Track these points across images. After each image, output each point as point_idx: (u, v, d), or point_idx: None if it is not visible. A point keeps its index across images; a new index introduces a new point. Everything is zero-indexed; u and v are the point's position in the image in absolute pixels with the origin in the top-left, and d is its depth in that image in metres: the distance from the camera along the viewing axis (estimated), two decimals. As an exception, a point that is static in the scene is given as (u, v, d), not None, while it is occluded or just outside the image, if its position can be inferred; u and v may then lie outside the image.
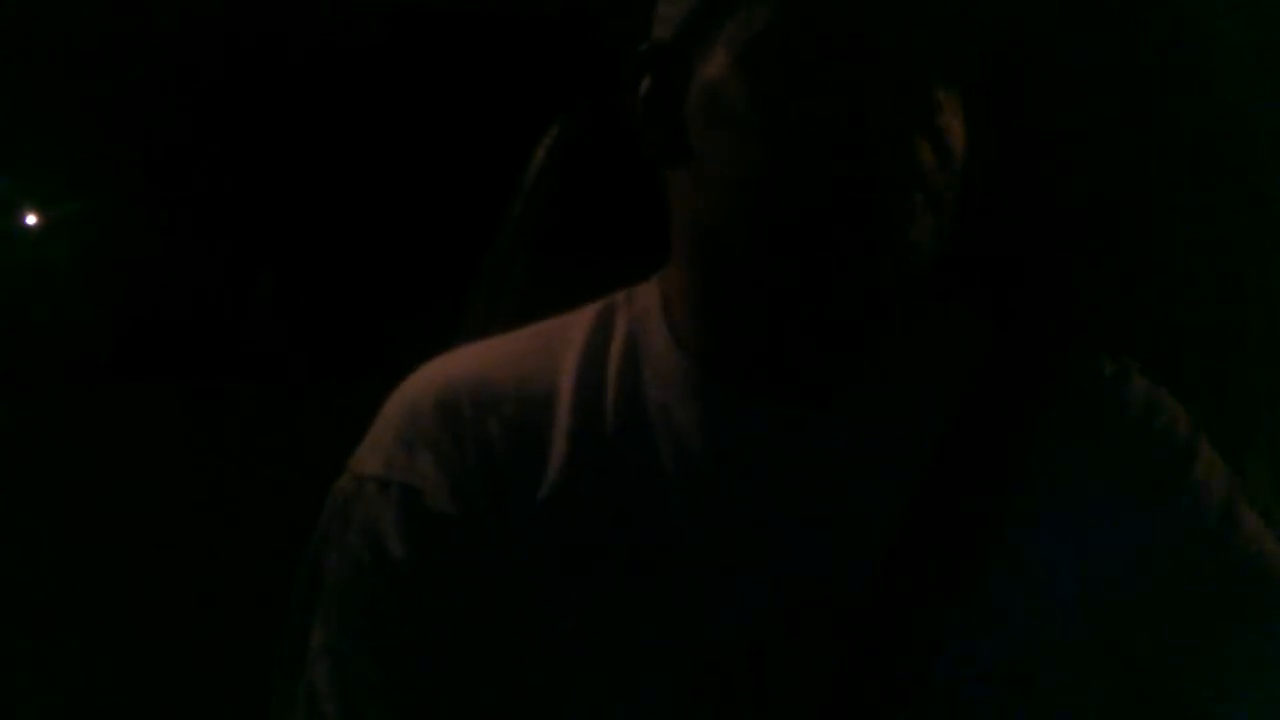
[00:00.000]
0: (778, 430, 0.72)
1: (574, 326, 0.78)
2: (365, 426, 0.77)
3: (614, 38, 0.79)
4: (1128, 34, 0.98)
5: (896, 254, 0.67)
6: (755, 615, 0.68)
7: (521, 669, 0.69)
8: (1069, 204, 0.95)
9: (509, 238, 0.95)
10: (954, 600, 0.69)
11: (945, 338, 0.78)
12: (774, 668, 0.68)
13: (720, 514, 0.70)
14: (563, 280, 0.87)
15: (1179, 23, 0.96)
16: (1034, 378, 0.76)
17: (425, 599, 0.70)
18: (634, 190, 0.81)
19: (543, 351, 0.76)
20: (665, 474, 0.71)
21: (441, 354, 0.80)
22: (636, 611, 0.68)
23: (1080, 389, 0.76)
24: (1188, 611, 0.72)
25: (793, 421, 0.72)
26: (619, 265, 0.82)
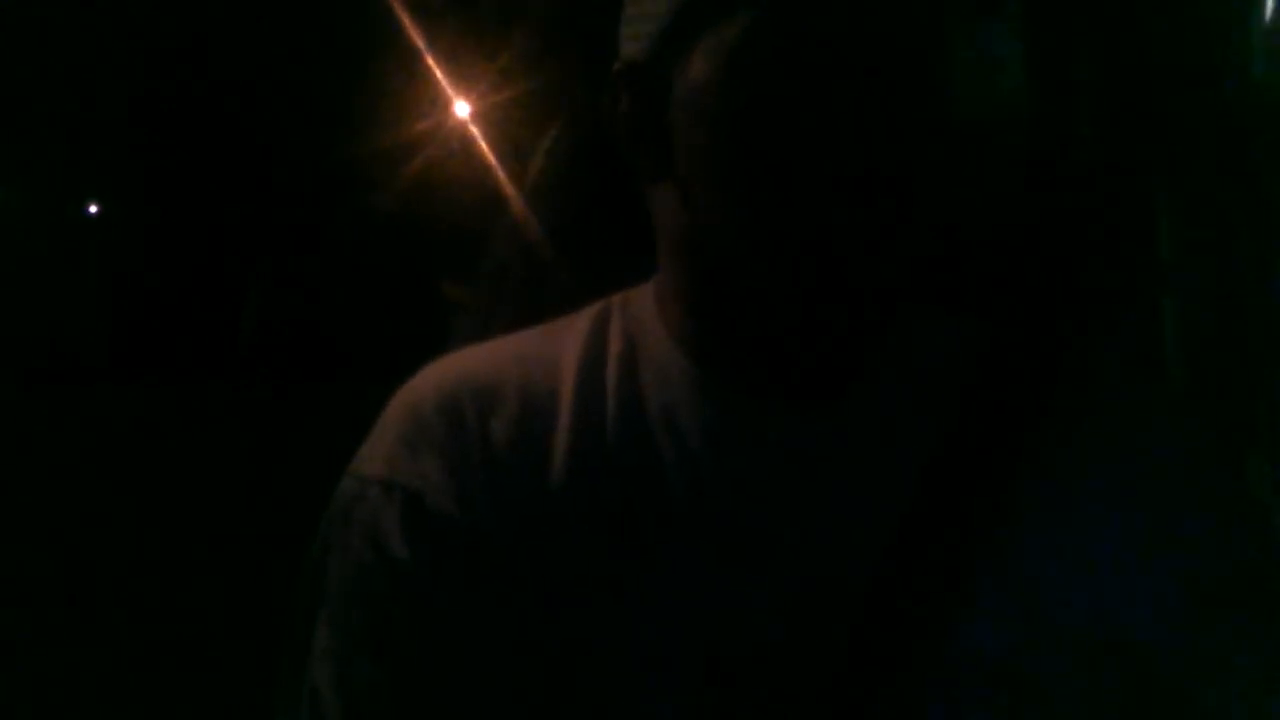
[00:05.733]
0: (778, 431, 0.72)
1: (572, 329, 0.78)
2: (366, 428, 0.77)
3: (613, 39, 0.79)
4: (1130, 34, 0.98)
5: (889, 255, 0.67)
6: (757, 615, 0.68)
7: (524, 671, 0.69)
8: (1070, 204, 0.95)
9: (509, 239, 0.95)
10: (956, 600, 0.69)
11: (942, 338, 0.78)
12: (776, 668, 0.68)
13: (722, 514, 0.70)
14: (563, 281, 0.87)
15: (1181, 24, 0.96)
16: (1033, 378, 0.76)
17: (428, 601, 0.70)
18: (633, 191, 0.81)
19: (543, 354, 0.76)
20: (667, 474, 0.71)
21: (442, 356, 0.80)
22: (639, 612, 0.68)
23: (1079, 388, 0.76)
24: (1191, 611, 0.72)
25: (793, 422, 0.72)
26: (619, 266, 0.82)
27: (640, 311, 0.77)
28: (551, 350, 0.76)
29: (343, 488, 0.75)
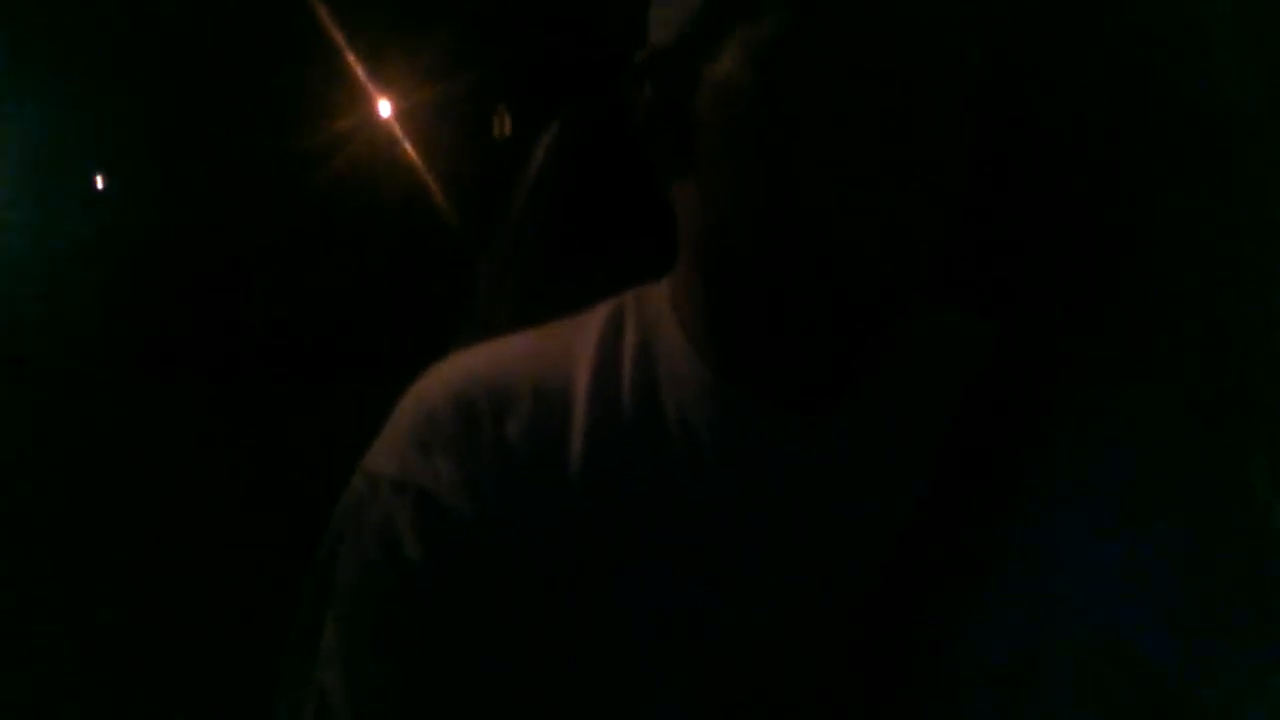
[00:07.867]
0: (787, 433, 0.72)
1: (585, 327, 0.77)
2: (371, 427, 0.77)
3: (616, 35, 0.79)
4: (1127, 31, 0.98)
5: (913, 256, 0.68)
6: (764, 616, 0.68)
7: (533, 671, 0.69)
8: (1070, 204, 0.95)
9: (511, 237, 0.95)
10: (960, 602, 0.69)
11: (947, 340, 0.78)
12: (779, 668, 0.68)
13: (732, 515, 0.70)
14: (565, 280, 0.87)
15: (1179, 21, 0.96)
16: (1036, 381, 0.76)
17: (439, 601, 0.70)
18: (637, 189, 0.81)
19: (557, 352, 0.76)
20: (680, 475, 0.71)
21: (448, 354, 0.80)
22: (648, 612, 0.69)
23: (1082, 392, 0.76)
24: (1193, 614, 0.72)
25: (802, 424, 0.72)
26: (622, 264, 0.82)
27: (654, 311, 0.77)
28: (565, 348, 0.76)
29: (353, 486, 0.74)
